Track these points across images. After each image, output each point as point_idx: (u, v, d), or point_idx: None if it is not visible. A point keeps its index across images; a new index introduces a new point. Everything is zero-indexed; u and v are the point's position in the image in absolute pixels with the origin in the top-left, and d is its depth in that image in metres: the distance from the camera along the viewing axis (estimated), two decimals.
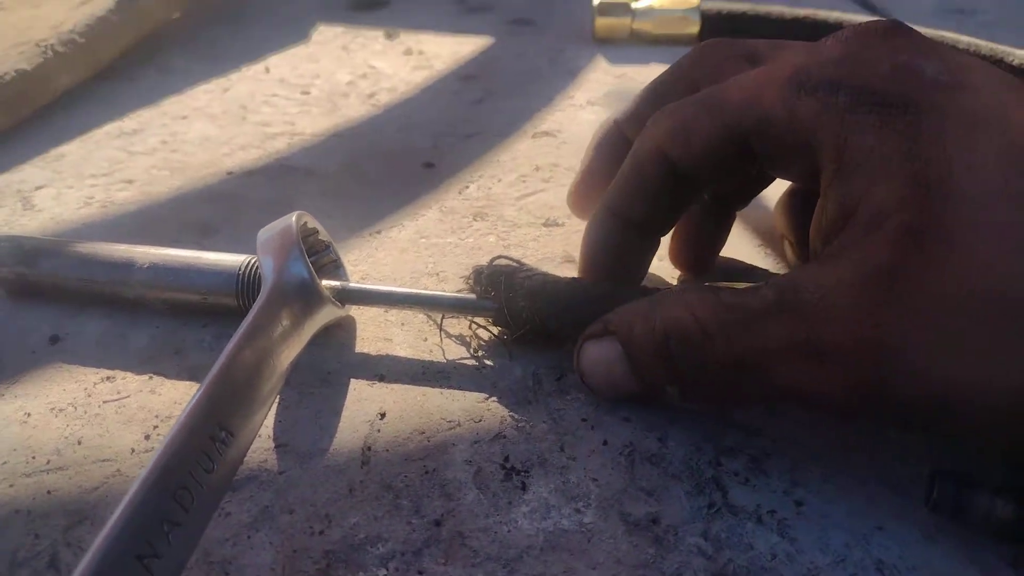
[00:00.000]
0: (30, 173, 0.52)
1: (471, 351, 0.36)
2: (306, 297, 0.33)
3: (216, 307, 0.37)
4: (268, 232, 0.34)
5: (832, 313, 0.25)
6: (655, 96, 0.36)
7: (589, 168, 0.39)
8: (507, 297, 0.34)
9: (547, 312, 0.34)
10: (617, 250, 0.35)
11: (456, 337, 0.37)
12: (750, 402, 0.33)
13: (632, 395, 0.32)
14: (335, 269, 0.38)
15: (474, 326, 0.37)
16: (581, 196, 0.39)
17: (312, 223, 0.36)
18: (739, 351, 0.27)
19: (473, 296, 0.35)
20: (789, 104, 0.28)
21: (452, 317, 0.37)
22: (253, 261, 0.36)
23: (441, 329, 0.37)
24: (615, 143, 0.37)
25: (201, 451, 0.25)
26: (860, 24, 0.29)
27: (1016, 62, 0.58)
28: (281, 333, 0.31)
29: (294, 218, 0.34)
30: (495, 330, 0.36)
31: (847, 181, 0.26)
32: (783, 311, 0.26)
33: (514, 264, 0.36)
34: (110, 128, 0.57)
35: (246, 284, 0.36)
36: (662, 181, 0.32)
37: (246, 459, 0.31)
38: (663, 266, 0.41)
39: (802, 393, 0.27)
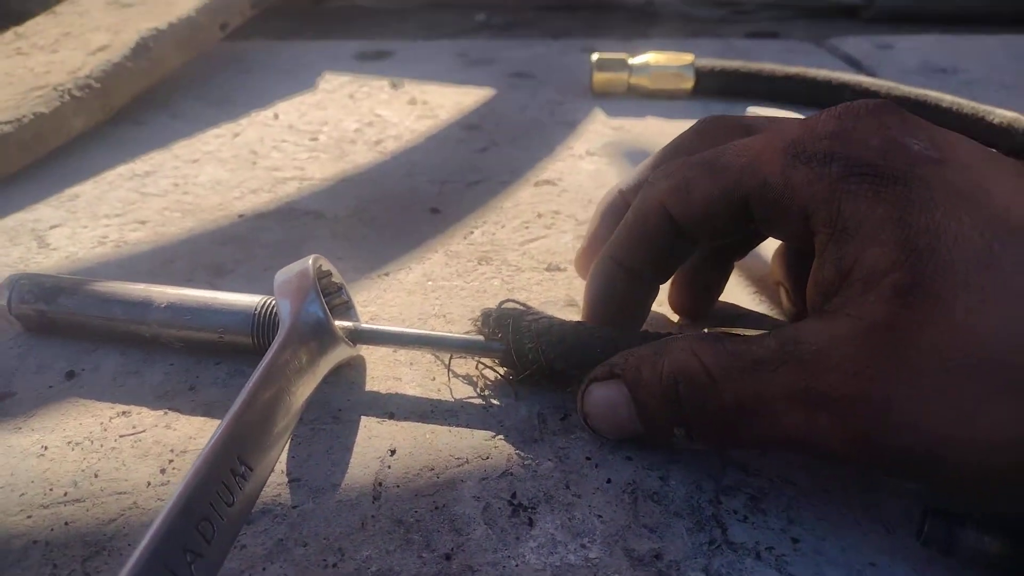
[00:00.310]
0: (45, 212, 0.53)
1: (478, 391, 0.37)
2: (321, 337, 0.34)
3: (231, 345, 0.38)
4: (285, 274, 0.35)
5: (830, 364, 0.27)
6: (658, 167, 0.38)
7: (595, 234, 0.40)
8: (515, 339, 0.36)
9: (553, 354, 0.35)
10: (620, 296, 0.37)
11: (463, 377, 0.38)
12: (751, 446, 0.34)
13: (635, 436, 0.33)
14: (347, 310, 0.39)
15: (481, 366, 0.38)
16: (588, 259, 0.41)
17: (326, 266, 0.37)
18: (743, 396, 0.29)
19: (481, 338, 0.36)
20: (785, 171, 0.30)
21: (460, 357, 0.39)
22: (269, 302, 0.37)
23: (449, 369, 0.38)
24: (619, 211, 0.39)
25: (222, 484, 0.26)
26: (852, 103, 0.31)
27: (997, 121, 0.60)
28: (297, 371, 0.32)
29: (311, 261, 0.35)
30: (502, 371, 0.38)
31: (842, 244, 0.28)
32: (785, 361, 0.28)
33: (521, 308, 0.37)
34: (123, 170, 0.59)
35: (262, 324, 0.37)
36: (663, 233, 0.34)
37: (261, 493, 0.32)
38: (663, 309, 0.42)
39: (801, 439, 0.28)
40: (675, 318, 0.42)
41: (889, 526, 0.31)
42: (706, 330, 0.38)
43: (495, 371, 0.38)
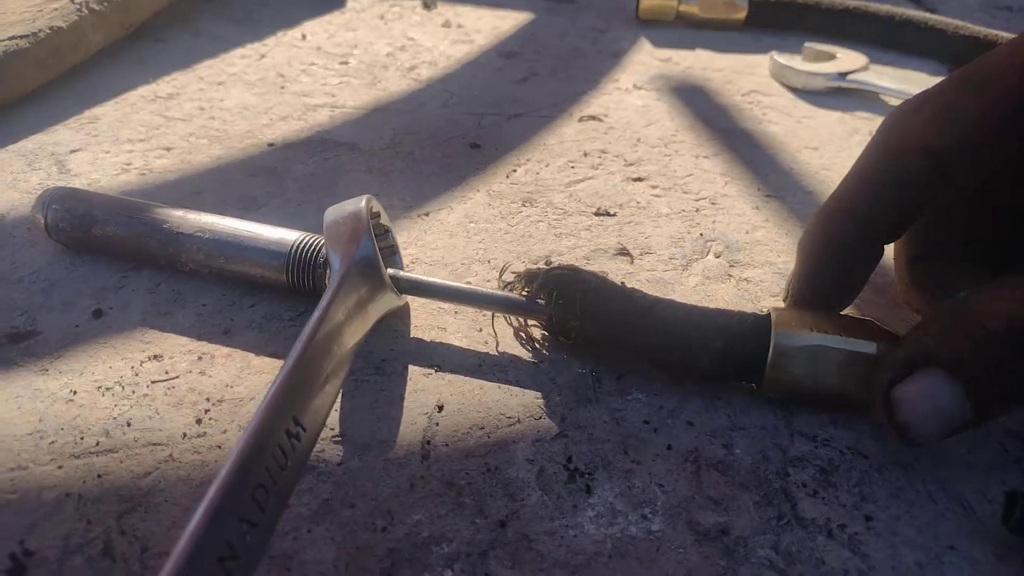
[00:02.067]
0: (64, 135, 0.50)
1: (527, 346, 0.35)
2: (373, 285, 0.32)
3: (269, 282, 0.36)
4: (337, 214, 0.33)
5: None
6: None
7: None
8: (557, 312, 0.33)
9: (601, 337, 0.33)
10: (850, 257, 0.31)
11: (513, 331, 0.36)
12: None
13: (968, 427, 0.28)
14: (392, 255, 0.37)
15: (529, 324, 0.36)
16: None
17: (376, 207, 0.35)
18: None
19: (524, 299, 0.34)
20: None
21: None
22: (306, 241, 0.35)
23: (493, 324, 0.36)
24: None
25: (277, 447, 0.24)
26: None
27: None
28: (348, 322, 0.30)
29: (363, 203, 0.33)
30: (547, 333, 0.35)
31: None
32: None
33: (568, 272, 0.34)
34: (145, 91, 0.56)
35: (299, 264, 0.35)
36: (920, 175, 0.29)
37: None
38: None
39: None
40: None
41: (966, 505, 0.29)
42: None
43: (542, 332, 0.35)
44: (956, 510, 0.29)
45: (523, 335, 0.35)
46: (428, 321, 0.37)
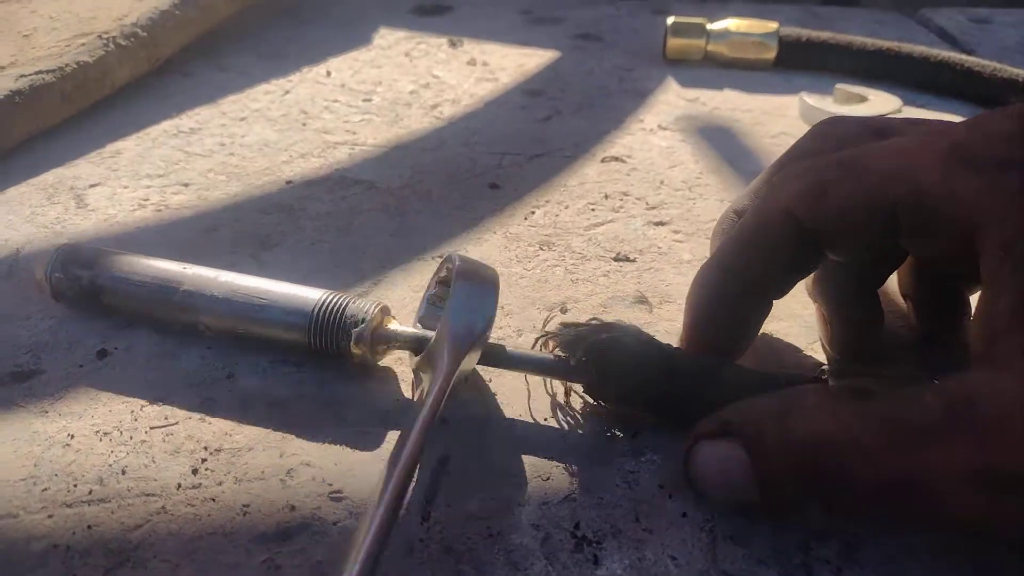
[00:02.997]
0: (85, 169, 0.50)
1: (559, 415, 0.33)
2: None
3: (286, 343, 0.35)
4: (474, 282, 0.33)
5: (1017, 436, 0.22)
6: (777, 174, 0.33)
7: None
8: (599, 376, 0.32)
9: (641, 399, 0.32)
10: (730, 311, 0.32)
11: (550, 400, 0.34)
12: (910, 525, 0.29)
13: (752, 504, 0.28)
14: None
15: (566, 390, 0.34)
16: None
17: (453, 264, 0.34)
18: (901, 476, 0.24)
19: (567, 363, 0.32)
20: (948, 179, 0.25)
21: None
22: (330, 300, 0.34)
23: (529, 391, 0.34)
24: None
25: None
26: None
27: None
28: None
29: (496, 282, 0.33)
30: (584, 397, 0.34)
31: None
32: (957, 430, 0.23)
33: (601, 328, 0.32)
34: (167, 126, 0.56)
35: (323, 326, 0.33)
36: (787, 241, 0.30)
37: (298, 505, 0.29)
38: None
39: (977, 523, 0.24)
40: None
41: None
42: (827, 378, 0.33)
43: (582, 397, 0.34)
44: None
45: (561, 404, 0.34)
46: None
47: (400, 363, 0.36)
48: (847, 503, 0.27)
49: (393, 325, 0.34)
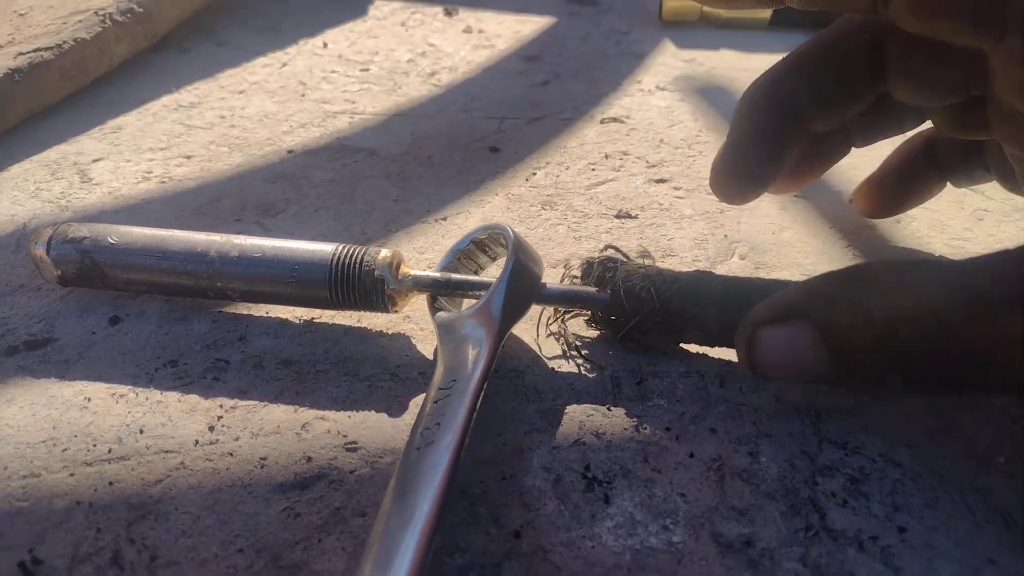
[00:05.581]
0: (88, 145, 0.51)
1: (565, 348, 0.34)
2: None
3: (301, 298, 0.35)
4: (530, 256, 0.34)
5: None
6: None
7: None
8: (624, 280, 0.33)
9: (668, 292, 0.32)
10: (771, 129, 0.32)
11: (552, 335, 0.35)
12: (983, 391, 0.30)
13: (824, 379, 0.29)
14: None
15: (569, 323, 0.35)
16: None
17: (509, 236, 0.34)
18: (980, 346, 0.25)
19: (590, 288, 0.34)
20: None
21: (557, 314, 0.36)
22: (344, 251, 0.34)
23: (539, 326, 0.35)
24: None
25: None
26: None
27: None
28: None
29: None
30: (597, 330, 0.35)
31: None
32: None
33: (621, 255, 0.35)
34: (167, 100, 0.56)
35: (341, 276, 0.33)
36: (863, 55, 0.30)
37: (315, 456, 0.30)
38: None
39: None
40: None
41: (1007, 518, 0.28)
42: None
43: (593, 327, 0.35)
44: (996, 522, 0.28)
45: (560, 336, 0.35)
46: None
47: (408, 322, 0.36)
48: (931, 375, 0.27)
49: (413, 271, 0.34)
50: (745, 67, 0.61)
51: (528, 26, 0.70)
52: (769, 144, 0.33)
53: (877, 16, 0.27)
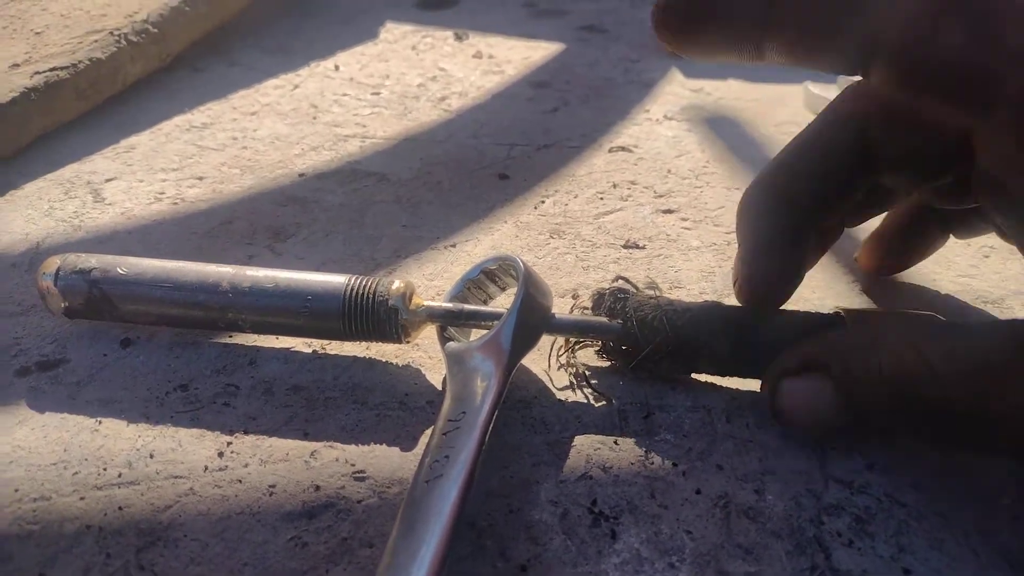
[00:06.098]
0: (101, 164, 0.51)
1: (574, 379, 0.35)
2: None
3: (314, 329, 0.35)
4: (540, 288, 0.34)
5: None
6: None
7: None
8: (636, 311, 0.33)
9: (680, 321, 0.33)
10: (785, 238, 0.32)
11: (562, 367, 0.35)
12: (982, 452, 0.31)
13: (839, 427, 0.31)
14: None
15: (579, 355, 0.35)
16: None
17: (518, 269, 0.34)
18: (976, 406, 0.26)
19: (601, 318, 0.34)
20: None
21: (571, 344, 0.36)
22: (356, 283, 0.34)
23: (551, 357, 0.36)
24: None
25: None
26: None
27: None
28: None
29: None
30: (608, 360, 0.35)
31: None
32: None
33: (631, 286, 0.35)
34: (180, 121, 0.57)
35: (354, 307, 0.33)
36: (849, 152, 0.29)
37: (323, 484, 0.30)
38: None
39: None
40: None
41: (1013, 562, 0.28)
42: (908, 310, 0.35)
43: (603, 358, 0.35)
44: (1002, 568, 0.28)
45: (569, 368, 0.35)
46: None
47: (417, 350, 0.36)
48: (930, 430, 0.28)
49: (426, 302, 0.34)
50: (753, 97, 0.62)
51: (538, 52, 0.70)
52: (787, 252, 0.32)
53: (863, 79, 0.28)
